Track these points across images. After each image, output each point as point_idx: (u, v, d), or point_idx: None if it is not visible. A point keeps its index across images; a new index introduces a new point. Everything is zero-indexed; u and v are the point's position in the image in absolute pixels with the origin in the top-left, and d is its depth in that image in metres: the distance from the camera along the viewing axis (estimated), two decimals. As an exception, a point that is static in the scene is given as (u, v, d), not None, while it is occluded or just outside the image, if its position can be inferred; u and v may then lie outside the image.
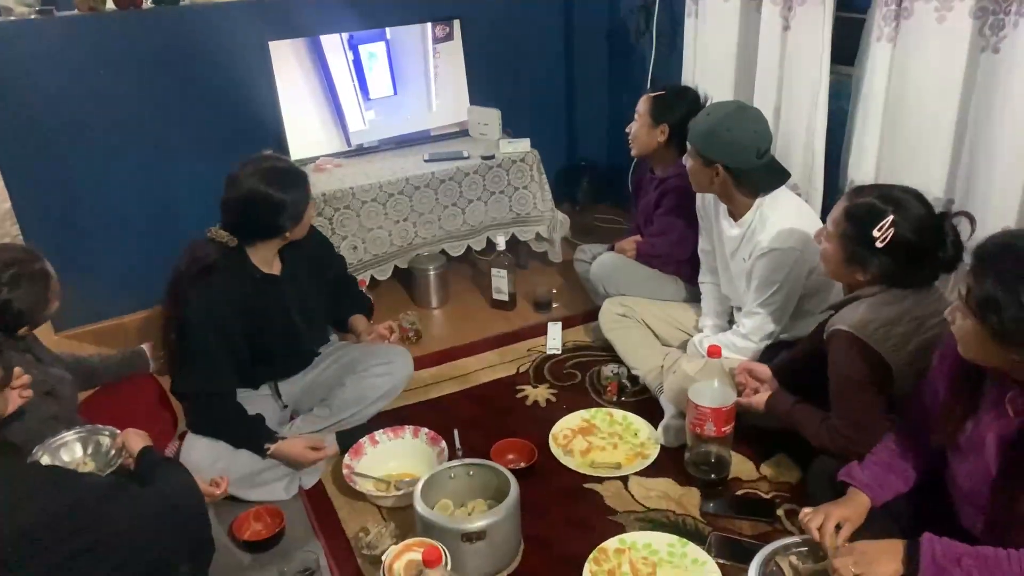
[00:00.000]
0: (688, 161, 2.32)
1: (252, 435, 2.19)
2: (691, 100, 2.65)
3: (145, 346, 2.36)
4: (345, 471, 2.21)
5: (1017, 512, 1.43)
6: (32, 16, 2.70)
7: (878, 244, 1.78)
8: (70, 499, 1.46)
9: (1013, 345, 1.36)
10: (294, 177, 2.16)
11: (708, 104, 2.53)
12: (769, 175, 2.26)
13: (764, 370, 2.15)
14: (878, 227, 1.77)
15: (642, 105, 2.72)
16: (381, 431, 2.34)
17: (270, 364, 2.34)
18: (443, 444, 2.29)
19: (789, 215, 2.23)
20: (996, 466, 1.48)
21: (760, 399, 2.09)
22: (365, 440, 2.31)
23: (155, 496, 1.64)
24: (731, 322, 2.52)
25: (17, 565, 1.38)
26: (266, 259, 2.22)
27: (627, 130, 2.78)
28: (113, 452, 1.86)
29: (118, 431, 1.90)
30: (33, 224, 2.74)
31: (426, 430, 2.35)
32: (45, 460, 1.80)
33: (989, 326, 1.37)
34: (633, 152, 2.80)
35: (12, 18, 2.69)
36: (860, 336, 1.80)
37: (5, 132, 2.71)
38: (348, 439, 2.32)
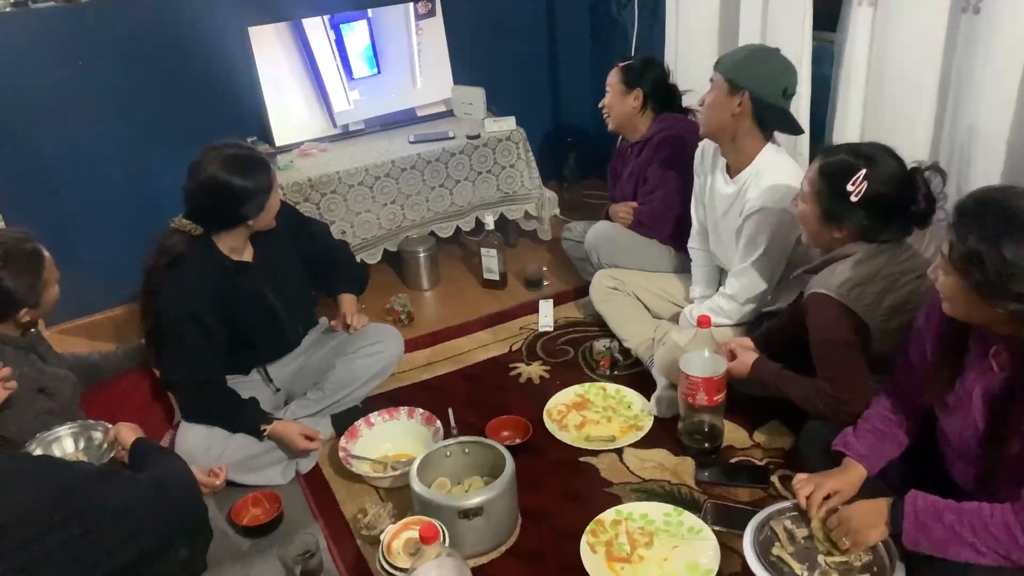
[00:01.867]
0: (709, 95, 2.25)
1: (247, 417, 2.19)
2: (659, 66, 2.76)
3: (144, 340, 2.36)
4: (341, 454, 2.22)
5: (1004, 464, 1.45)
6: (7, 9, 2.67)
7: (853, 198, 1.81)
8: (60, 485, 1.47)
9: (996, 298, 1.37)
10: (255, 165, 2.10)
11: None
12: (788, 118, 2.25)
13: (747, 342, 2.17)
14: (852, 181, 1.80)
15: (612, 76, 2.76)
16: (376, 413, 2.35)
17: (253, 349, 2.33)
18: (438, 423, 2.30)
19: (783, 175, 2.21)
20: (983, 420, 1.50)
21: (744, 363, 2.09)
22: (360, 423, 2.32)
23: (146, 479, 1.65)
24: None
25: (12, 552, 1.38)
26: (235, 247, 2.19)
27: (600, 105, 2.80)
28: (105, 446, 1.87)
29: (110, 426, 1.90)
30: (16, 219, 2.72)
31: (421, 410, 2.36)
32: (37, 453, 1.80)
33: (972, 281, 1.38)
34: (609, 126, 2.81)
35: (-13, 11, 2.66)
36: (835, 296, 1.82)
37: (-15, 125, 2.69)
38: (343, 422, 2.33)
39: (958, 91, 2.13)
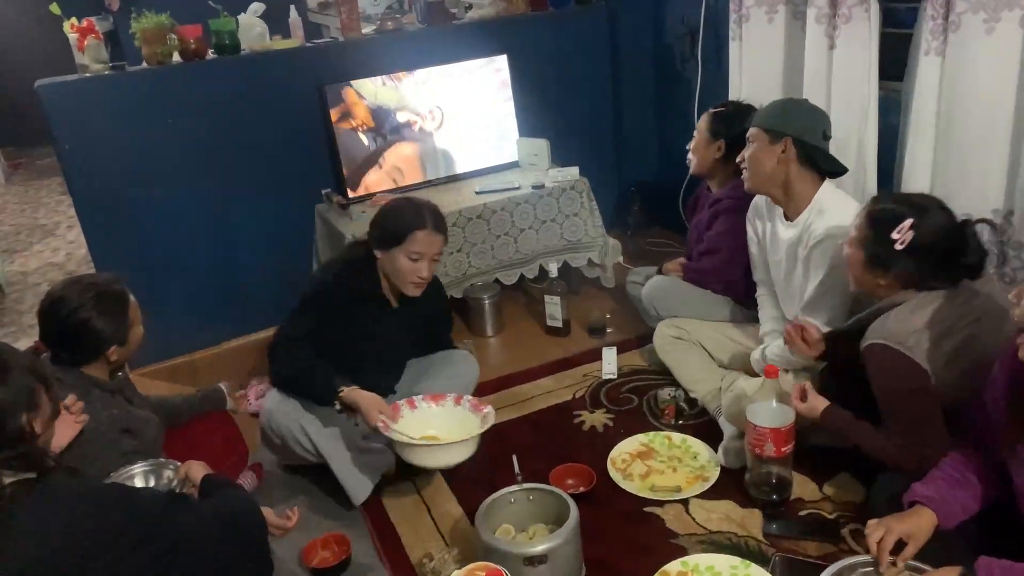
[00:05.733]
0: (749, 149, 2.30)
1: (327, 379, 2.22)
2: (749, 118, 2.68)
3: (223, 384, 2.47)
4: (380, 424, 2.14)
5: None
6: (106, 72, 2.87)
7: (898, 246, 1.81)
8: (129, 511, 1.49)
9: None
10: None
11: None
12: (832, 159, 2.28)
13: (814, 331, 2.14)
14: (898, 229, 1.81)
15: (702, 122, 2.76)
16: (420, 397, 2.33)
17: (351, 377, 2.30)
18: (488, 409, 2.26)
19: (846, 209, 2.19)
20: None
21: (815, 408, 2.05)
22: (403, 403, 2.28)
23: (215, 509, 1.67)
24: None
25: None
26: (391, 288, 2.39)
27: (687, 148, 2.82)
28: (176, 483, 1.91)
29: (179, 463, 1.95)
30: (108, 267, 2.88)
31: (469, 397, 2.34)
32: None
33: None
34: (692, 170, 2.83)
35: (88, 75, 2.86)
36: (893, 345, 1.80)
37: (82, 181, 2.87)
38: None
39: (1031, 141, 2.11)
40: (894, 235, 1.82)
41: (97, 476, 1.90)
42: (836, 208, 2.22)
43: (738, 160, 2.38)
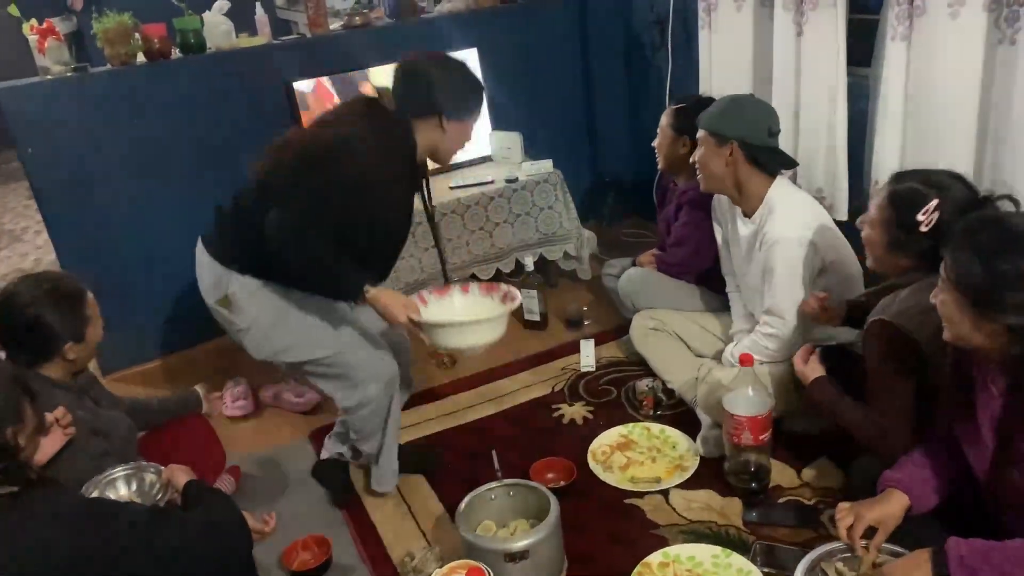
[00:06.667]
0: (699, 151, 2.33)
1: (353, 273, 2.00)
2: None
3: (199, 387, 2.43)
4: (405, 320, 1.98)
5: (1016, 488, 1.45)
6: (68, 74, 2.82)
7: (923, 228, 1.77)
8: (111, 526, 1.47)
9: (992, 312, 1.41)
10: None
11: None
12: (780, 156, 2.31)
13: (839, 306, 2.15)
14: (923, 211, 1.76)
15: (664, 119, 2.76)
16: (427, 291, 2.20)
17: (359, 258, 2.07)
18: (505, 288, 2.15)
19: (796, 205, 2.25)
20: (992, 446, 1.51)
21: (811, 370, 2.07)
22: (415, 297, 2.13)
23: (198, 519, 1.64)
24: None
25: None
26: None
27: (653, 144, 2.82)
28: (158, 487, 1.88)
29: (163, 468, 1.94)
30: (77, 272, 2.83)
31: (475, 283, 2.24)
32: (94, 496, 1.83)
33: (969, 296, 1.43)
34: (660, 165, 2.83)
35: (49, 77, 2.80)
36: (892, 320, 1.79)
37: (47, 185, 2.82)
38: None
39: (997, 123, 2.12)
40: (919, 217, 1.77)
41: (68, 479, 1.86)
42: (786, 205, 2.24)
43: (691, 161, 2.39)
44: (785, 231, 2.20)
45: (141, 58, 2.93)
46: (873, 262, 1.97)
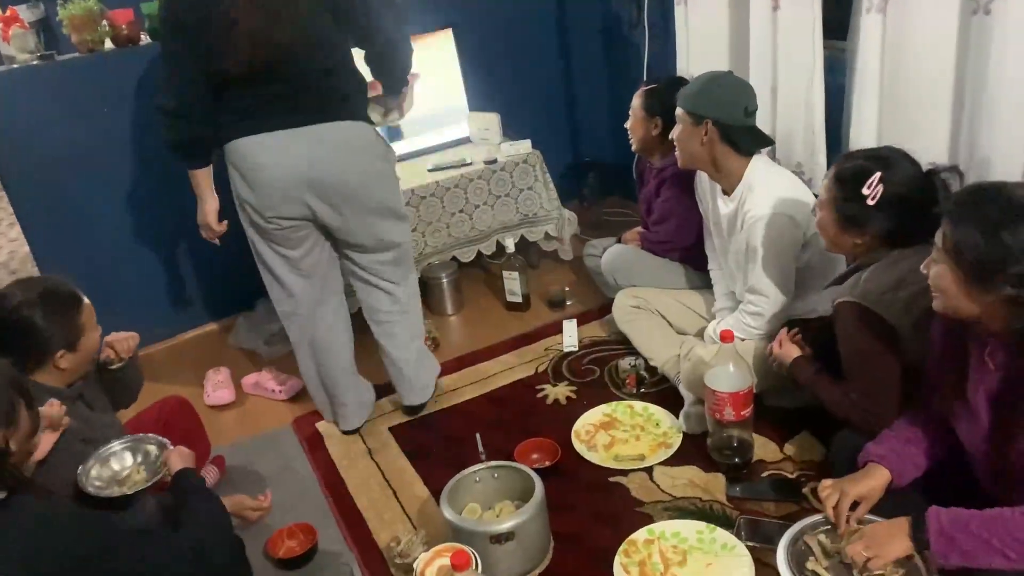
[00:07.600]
0: (676, 130, 2.32)
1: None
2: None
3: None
4: None
5: (1015, 464, 1.44)
6: (35, 62, 2.76)
7: (869, 202, 1.80)
8: (98, 541, 1.45)
9: (991, 283, 1.39)
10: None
11: None
12: (756, 134, 2.30)
13: (788, 335, 2.16)
14: (867, 184, 1.80)
15: (636, 100, 2.75)
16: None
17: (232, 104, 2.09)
18: None
19: (775, 183, 2.24)
20: (988, 422, 1.51)
21: (786, 355, 2.09)
22: None
23: (187, 542, 1.60)
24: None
25: None
26: None
27: (625, 126, 2.80)
28: (160, 460, 1.85)
29: (163, 440, 1.89)
30: (51, 264, 2.80)
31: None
32: (95, 471, 1.80)
33: (966, 266, 1.41)
34: (633, 147, 2.82)
35: (15, 66, 2.75)
36: (863, 303, 1.81)
37: (18, 177, 2.77)
38: None
39: (973, 93, 2.12)
40: (864, 191, 1.80)
41: (55, 484, 1.84)
42: (765, 184, 2.24)
43: (669, 137, 2.39)
44: (765, 209, 2.20)
45: (109, 44, 2.87)
46: (829, 245, 1.98)
